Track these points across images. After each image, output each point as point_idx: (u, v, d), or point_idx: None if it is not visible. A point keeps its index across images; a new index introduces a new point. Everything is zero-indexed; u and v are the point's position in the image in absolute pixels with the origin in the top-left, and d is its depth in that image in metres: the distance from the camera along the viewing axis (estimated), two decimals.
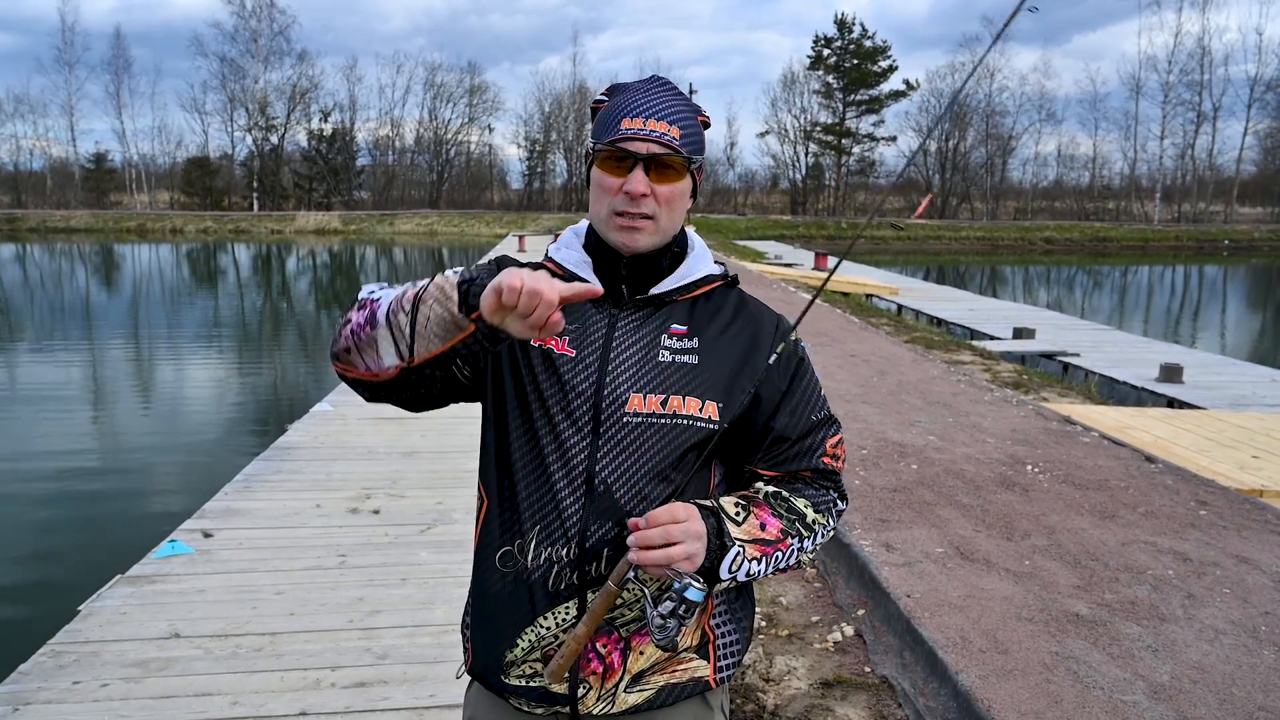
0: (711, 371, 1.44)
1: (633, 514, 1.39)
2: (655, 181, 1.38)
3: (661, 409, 1.40)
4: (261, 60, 67.89)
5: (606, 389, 1.41)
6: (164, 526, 5.20)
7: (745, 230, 53.05)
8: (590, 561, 1.40)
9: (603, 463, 1.40)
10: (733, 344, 1.47)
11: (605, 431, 1.40)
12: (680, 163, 1.40)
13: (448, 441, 6.87)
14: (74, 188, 66.93)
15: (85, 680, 3.37)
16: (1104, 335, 15.51)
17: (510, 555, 1.44)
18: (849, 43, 71.70)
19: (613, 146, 1.38)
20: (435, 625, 3.89)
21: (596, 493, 1.40)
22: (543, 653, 1.43)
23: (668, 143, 1.38)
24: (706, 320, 1.48)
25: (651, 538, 1.30)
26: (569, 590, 1.41)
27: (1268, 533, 4.96)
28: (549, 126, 73.92)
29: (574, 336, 1.43)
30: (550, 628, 1.42)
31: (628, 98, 1.41)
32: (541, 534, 1.41)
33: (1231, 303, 28.63)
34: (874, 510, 5.17)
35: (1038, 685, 3.29)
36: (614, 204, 1.39)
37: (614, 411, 1.40)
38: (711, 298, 1.50)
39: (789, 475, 1.51)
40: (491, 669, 1.47)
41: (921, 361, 10.59)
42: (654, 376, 1.42)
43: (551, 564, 1.41)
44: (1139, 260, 47.00)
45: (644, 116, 1.38)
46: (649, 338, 1.44)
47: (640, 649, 1.44)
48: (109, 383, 13.03)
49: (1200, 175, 69.71)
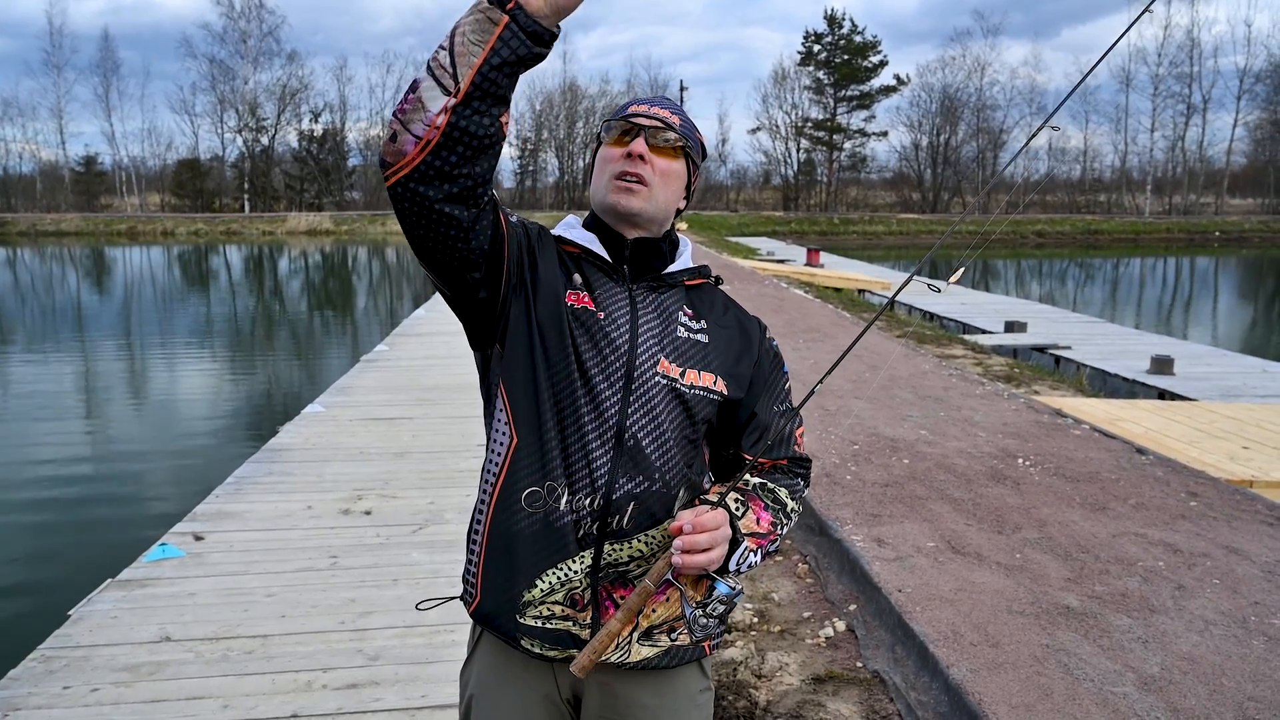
0: (720, 352, 1.56)
1: (658, 472, 1.47)
2: (654, 154, 1.51)
3: (681, 379, 1.50)
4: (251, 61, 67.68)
5: (639, 350, 1.49)
6: (155, 530, 5.19)
7: (737, 226, 53.07)
8: (613, 515, 1.45)
9: (633, 419, 1.46)
10: (731, 332, 1.60)
11: (636, 389, 1.47)
12: (678, 143, 1.53)
13: (440, 441, 6.86)
14: (64, 191, 66.54)
15: (75, 685, 3.36)
16: (1095, 328, 15.55)
17: (538, 495, 1.46)
18: (839, 38, 71.75)
19: (620, 120, 1.52)
20: (427, 626, 3.89)
21: (626, 446, 1.45)
22: (567, 595, 1.46)
23: (669, 123, 1.52)
24: (707, 309, 1.60)
25: (699, 542, 1.38)
26: (586, 539, 1.46)
27: (1258, 523, 4.98)
28: (540, 125, 73.85)
29: (600, 302, 1.50)
30: (574, 571, 1.46)
31: (638, 97, 1.59)
32: (571, 481, 1.45)
33: (1222, 294, 28.73)
34: (865, 505, 5.18)
35: (1028, 678, 3.30)
36: (614, 168, 1.50)
37: (646, 371, 1.48)
38: (705, 291, 1.62)
39: (771, 464, 1.61)
40: (504, 609, 1.48)
41: (913, 356, 10.61)
42: (674, 348, 1.52)
43: (579, 511, 1.45)
44: (1130, 252, 47.13)
45: (650, 104, 1.55)
46: (666, 314, 1.54)
47: (653, 606, 1.50)
48: (99, 386, 12.99)
49: (1190, 167, 69.87)
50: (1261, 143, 69.45)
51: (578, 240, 1.55)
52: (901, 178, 74.99)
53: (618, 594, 1.48)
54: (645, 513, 1.46)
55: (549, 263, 1.51)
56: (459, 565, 4.53)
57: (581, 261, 1.54)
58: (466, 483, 5.83)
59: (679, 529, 1.38)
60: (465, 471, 6.09)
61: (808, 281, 21.77)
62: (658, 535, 1.48)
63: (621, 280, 1.53)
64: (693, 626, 1.45)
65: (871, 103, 72.55)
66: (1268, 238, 54.89)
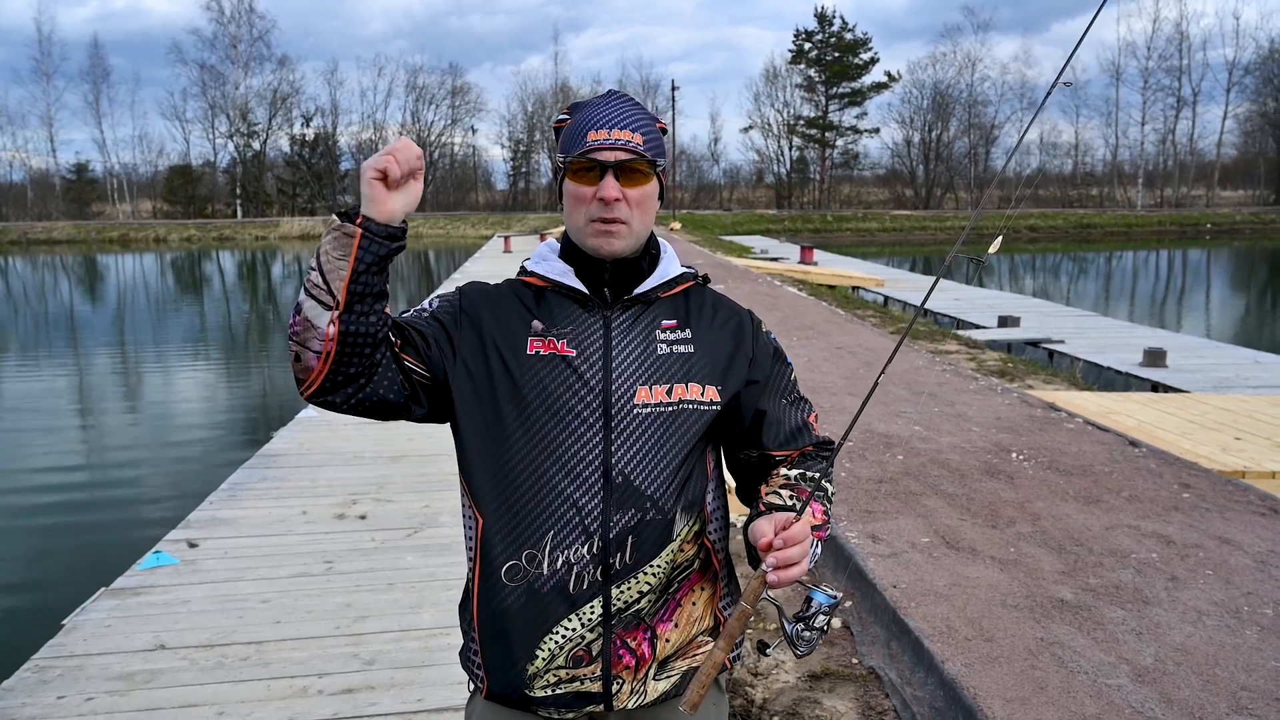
0: (708, 358, 1.52)
1: (650, 501, 1.44)
2: (625, 186, 1.45)
3: (668, 397, 1.47)
4: (242, 66, 67.64)
5: (614, 384, 1.46)
6: (149, 537, 5.17)
7: (731, 225, 53.09)
8: (614, 553, 1.43)
9: (618, 454, 1.44)
10: (722, 333, 1.55)
11: (617, 425, 1.44)
12: (646, 166, 1.47)
13: (434, 445, 6.85)
14: (55, 199, 66.42)
15: (70, 695, 3.35)
16: (1088, 321, 15.58)
17: (517, 568, 1.44)
18: (830, 36, 71.88)
19: (582, 158, 1.45)
20: (423, 629, 3.89)
21: (615, 484, 1.43)
22: (569, 656, 1.44)
23: (633, 149, 1.45)
24: (695, 313, 1.55)
25: (791, 556, 1.34)
26: (591, 589, 1.43)
27: (1250, 514, 5.00)
28: (532, 126, 73.86)
29: (571, 338, 1.48)
30: (575, 629, 1.44)
31: (590, 112, 1.48)
32: (556, 538, 1.43)
33: (1214, 286, 28.82)
34: (860, 501, 5.19)
35: (1023, 671, 3.31)
36: (589, 211, 1.46)
37: (624, 404, 1.45)
38: (690, 294, 1.58)
39: (800, 452, 1.58)
40: (514, 687, 1.47)
41: (907, 352, 10.62)
42: (655, 368, 1.48)
43: (570, 566, 1.42)
44: (1123, 246, 47.24)
45: (608, 127, 1.46)
46: (644, 334, 1.50)
47: (666, 636, 1.49)
48: (92, 393, 12.96)
49: (1181, 160, 70.15)
50: (1251, 134, 69.80)
51: (548, 275, 1.52)
52: (894, 174, 75.17)
53: (630, 638, 1.46)
54: (645, 544, 1.44)
55: (499, 324, 1.49)
56: (454, 568, 4.55)
57: (548, 295, 1.52)
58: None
59: (768, 545, 1.34)
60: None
61: (801, 279, 21.80)
62: (662, 564, 1.46)
63: (595, 308, 1.50)
64: (796, 642, 1.38)
65: (863, 100, 72.76)
66: (1259, 229, 55.07)
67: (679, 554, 1.49)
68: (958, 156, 72.33)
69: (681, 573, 1.51)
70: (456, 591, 4.24)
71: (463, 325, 1.50)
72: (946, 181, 72.63)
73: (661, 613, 1.49)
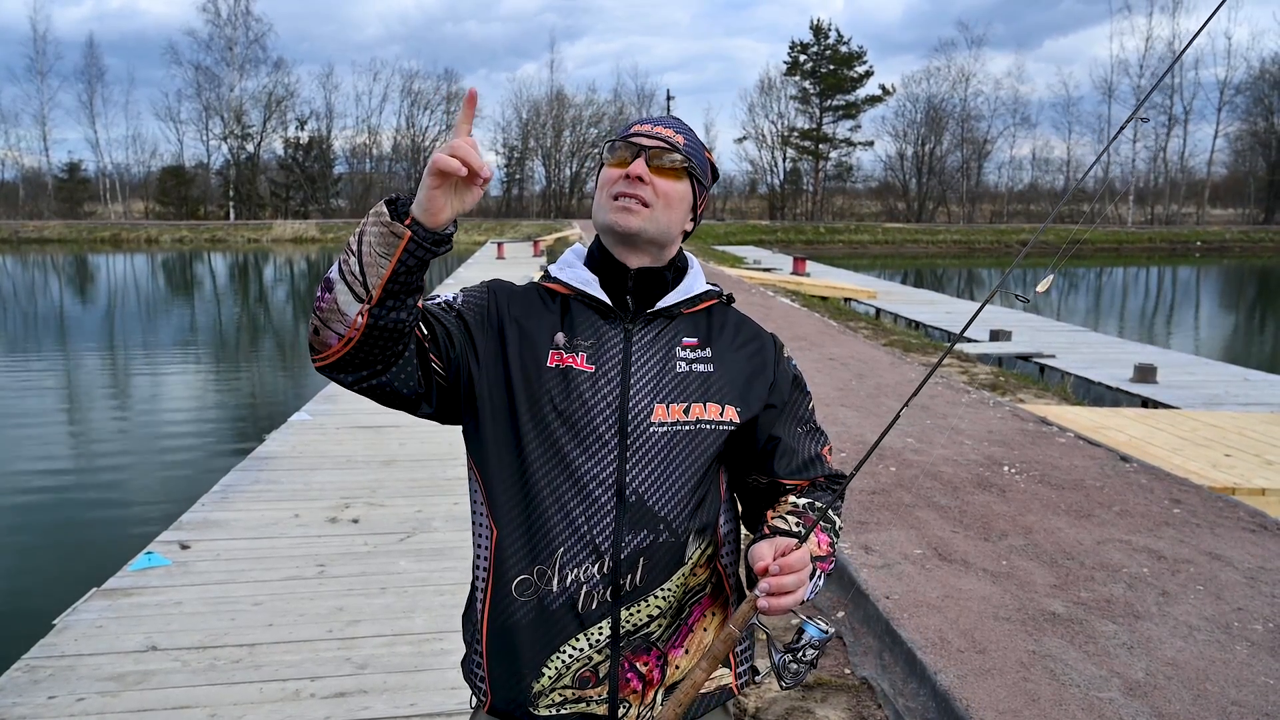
0: (728, 379, 1.49)
1: (663, 523, 1.42)
2: (655, 175, 1.45)
3: (685, 416, 1.45)
4: (237, 68, 67.39)
5: (631, 401, 1.43)
6: (141, 538, 5.15)
7: (724, 235, 53.14)
8: (625, 575, 1.40)
9: (632, 473, 1.41)
10: (743, 354, 1.53)
11: (633, 443, 1.42)
12: (680, 164, 1.47)
13: (427, 449, 6.84)
14: (47, 198, 65.99)
15: (61, 695, 3.34)
16: (1079, 336, 15.66)
17: (528, 582, 1.42)
18: (825, 48, 72.14)
19: (620, 140, 1.48)
20: (415, 634, 3.88)
21: (629, 503, 1.41)
22: (575, 676, 1.42)
23: (671, 143, 1.47)
24: (716, 333, 1.53)
25: (787, 584, 1.31)
26: (601, 609, 1.41)
27: (1240, 529, 5.03)
28: (527, 133, 73.83)
29: (591, 353, 1.45)
30: (583, 649, 1.42)
31: (641, 117, 1.57)
32: (566, 555, 1.40)
33: (1204, 303, 29.00)
34: (852, 513, 5.20)
35: (1015, 684, 3.32)
36: (612, 189, 1.46)
37: (640, 422, 1.43)
38: (713, 313, 1.56)
39: (810, 482, 1.55)
40: (517, 704, 1.44)
41: (900, 364, 10.67)
42: (674, 386, 1.46)
43: (580, 584, 1.40)
44: (1113, 262, 47.50)
45: (653, 123, 1.50)
46: (664, 350, 1.48)
47: (675, 662, 1.47)
48: (84, 394, 12.89)
49: (1172, 178, 70.64)
50: (1242, 153, 70.36)
51: (570, 283, 1.50)
52: (887, 187, 75.36)
53: (640, 662, 1.44)
54: (656, 566, 1.42)
55: (524, 332, 1.47)
56: (446, 573, 4.54)
57: (571, 304, 1.49)
58: (454, 490, 5.82)
59: (764, 569, 1.31)
60: (453, 479, 6.07)
61: (794, 290, 21.85)
62: (673, 588, 1.44)
63: (617, 319, 1.48)
64: (782, 673, 1.34)
65: (857, 112, 72.98)
66: (1248, 247, 55.47)
67: (691, 578, 1.47)
68: (950, 170, 72.67)
69: (693, 597, 1.48)
70: (449, 597, 4.24)
71: (488, 329, 1.47)
72: (939, 195, 72.91)
73: (674, 638, 1.47)
